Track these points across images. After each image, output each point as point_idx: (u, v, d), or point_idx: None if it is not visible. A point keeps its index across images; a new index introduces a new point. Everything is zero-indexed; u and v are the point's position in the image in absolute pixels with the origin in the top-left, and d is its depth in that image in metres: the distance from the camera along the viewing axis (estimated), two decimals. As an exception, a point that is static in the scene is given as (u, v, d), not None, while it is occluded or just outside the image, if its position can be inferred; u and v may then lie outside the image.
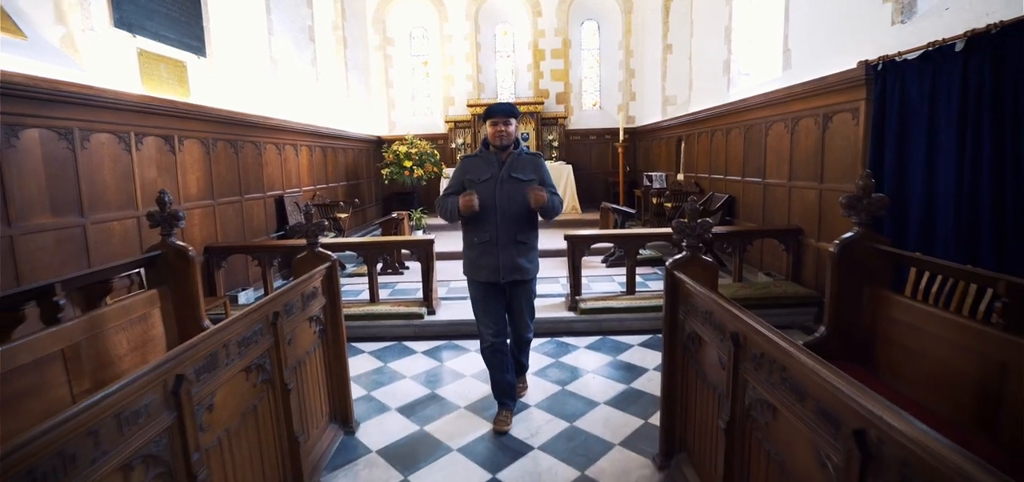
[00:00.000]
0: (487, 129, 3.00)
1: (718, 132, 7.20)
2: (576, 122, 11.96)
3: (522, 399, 3.46)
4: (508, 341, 3.19)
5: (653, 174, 9.15)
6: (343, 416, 3.16)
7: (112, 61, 4.19)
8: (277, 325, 2.38)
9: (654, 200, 8.19)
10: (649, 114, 10.75)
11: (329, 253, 3.04)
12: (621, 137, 9.34)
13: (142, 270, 3.30)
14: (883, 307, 2.52)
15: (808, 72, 4.98)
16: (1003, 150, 2.95)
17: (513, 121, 2.98)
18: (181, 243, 3.02)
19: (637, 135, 11.36)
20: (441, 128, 11.82)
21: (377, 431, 3.18)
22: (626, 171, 9.86)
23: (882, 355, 2.52)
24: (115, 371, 2.61)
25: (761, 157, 5.95)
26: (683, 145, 8.73)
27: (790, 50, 5.51)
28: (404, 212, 7.93)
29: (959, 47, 3.17)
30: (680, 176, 8.74)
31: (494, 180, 2.94)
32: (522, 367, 3.51)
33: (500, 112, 2.95)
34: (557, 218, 3.18)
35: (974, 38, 3.08)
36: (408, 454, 2.93)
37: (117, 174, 4.09)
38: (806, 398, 1.49)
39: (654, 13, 10.14)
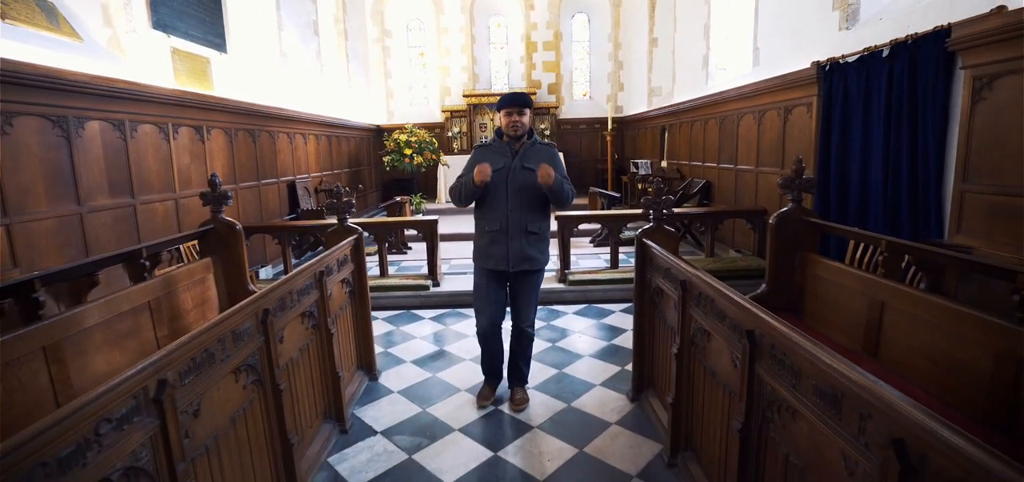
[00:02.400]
0: (501, 119, 3.00)
1: (697, 122, 7.80)
2: (567, 111, 12.51)
3: (520, 416, 3.16)
4: (506, 336, 3.22)
5: (639, 161, 9.74)
6: (368, 364, 3.74)
7: (151, 59, 4.69)
8: (323, 282, 2.95)
9: (639, 186, 8.81)
10: (636, 104, 11.32)
11: (356, 227, 3.60)
12: (609, 126, 9.91)
13: (181, 247, 3.87)
14: (811, 267, 3.14)
15: (774, 69, 5.57)
16: (915, 140, 3.56)
17: (527, 111, 2.96)
18: (230, 218, 3.56)
19: (624, 124, 11.93)
20: (438, 117, 12.32)
21: (396, 378, 3.77)
22: (614, 158, 10.44)
23: (809, 305, 3.14)
24: (185, 323, 3.17)
25: (734, 145, 6.56)
26: (667, 134, 9.32)
27: (759, 48, 6.09)
28: (406, 197, 8.47)
29: (885, 53, 3.77)
30: (664, 163, 9.34)
31: (507, 169, 2.92)
32: (522, 376, 3.31)
33: (513, 102, 2.93)
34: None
35: (896, 46, 3.68)
36: (424, 394, 3.52)
37: (159, 160, 4.61)
38: (725, 318, 2.10)
39: (641, 7, 10.67)
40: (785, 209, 3.18)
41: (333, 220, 3.70)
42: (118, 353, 2.64)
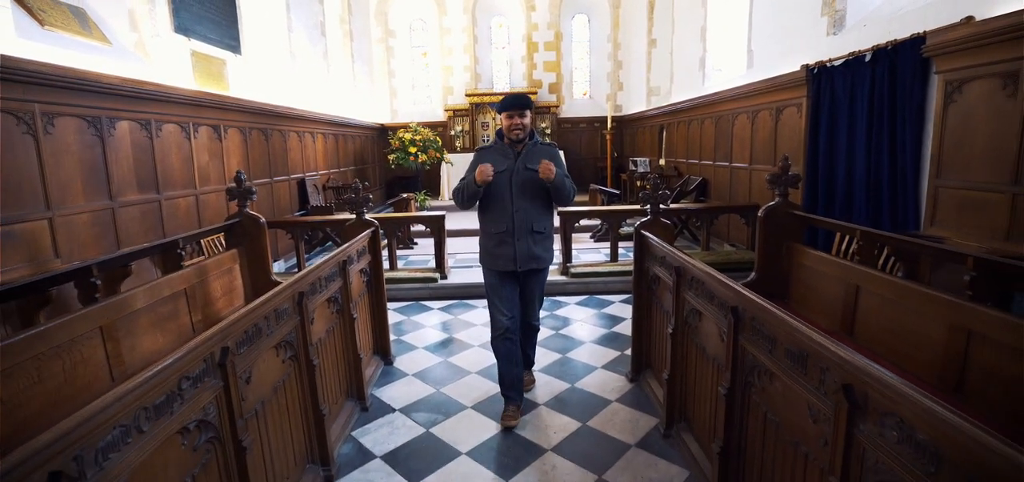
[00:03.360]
0: (502, 121, 3.01)
1: (694, 121, 8.05)
2: (567, 111, 12.75)
3: (528, 395, 3.39)
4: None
5: (638, 159, 9.99)
6: (383, 349, 3.99)
7: (173, 61, 4.92)
8: (346, 271, 3.20)
9: (638, 184, 9.05)
10: (635, 103, 11.57)
11: (373, 221, 3.85)
12: (609, 125, 10.16)
13: (203, 240, 4.11)
14: (795, 256, 3.39)
15: (766, 71, 5.82)
16: (895, 139, 3.82)
17: (528, 113, 2.98)
18: (254, 212, 3.80)
19: (624, 123, 12.18)
20: (440, 116, 12.56)
21: (410, 362, 4.01)
22: (613, 156, 10.69)
23: (794, 291, 3.39)
24: (215, 309, 3.41)
25: (729, 144, 6.81)
26: (665, 133, 9.56)
27: (753, 51, 6.34)
28: (411, 194, 8.72)
29: (868, 58, 4.02)
30: (662, 161, 9.59)
31: (510, 171, 2.95)
32: (529, 361, 3.51)
33: (514, 104, 2.95)
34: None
35: (878, 51, 3.93)
36: (437, 376, 3.77)
37: (181, 158, 4.85)
38: (714, 298, 2.35)
39: (640, 9, 10.90)
40: (772, 203, 3.43)
41: (346, 215, 3.95)
42: (161, 335, 2.88)
